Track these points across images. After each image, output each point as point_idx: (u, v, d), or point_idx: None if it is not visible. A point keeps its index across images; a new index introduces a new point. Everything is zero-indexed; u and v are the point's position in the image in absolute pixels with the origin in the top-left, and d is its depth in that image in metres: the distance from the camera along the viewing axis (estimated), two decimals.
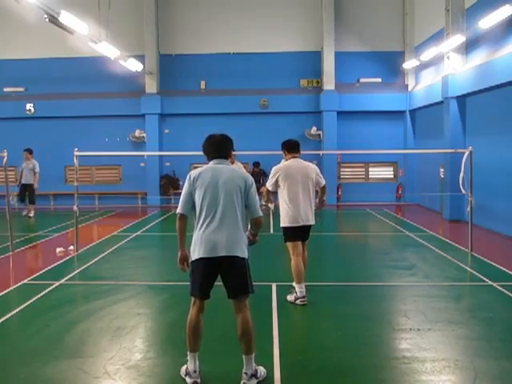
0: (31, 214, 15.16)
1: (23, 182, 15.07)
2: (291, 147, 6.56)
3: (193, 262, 4.16)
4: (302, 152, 6.75)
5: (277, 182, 6.39)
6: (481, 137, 12.65)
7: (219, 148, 4.35)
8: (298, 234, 6.33)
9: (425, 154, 16.27)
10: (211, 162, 4.35)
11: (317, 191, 6.70)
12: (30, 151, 15.06)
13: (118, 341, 5.09)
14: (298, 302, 6.19)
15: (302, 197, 6.25)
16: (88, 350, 4.87)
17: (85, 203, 15.58)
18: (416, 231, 12.03)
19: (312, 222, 6.37)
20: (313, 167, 6.59)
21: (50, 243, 10.74)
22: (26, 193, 15.17)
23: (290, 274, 6.35)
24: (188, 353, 4.22)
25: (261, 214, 4.31)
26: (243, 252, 4.14)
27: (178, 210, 4.23)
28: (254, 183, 4.30)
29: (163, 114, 18.87)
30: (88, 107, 18.58)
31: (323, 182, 6.66)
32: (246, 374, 4.11)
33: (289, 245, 6.38)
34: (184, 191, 4.30)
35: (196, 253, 4.10)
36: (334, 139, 17.99)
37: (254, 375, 4.12)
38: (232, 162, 6.15)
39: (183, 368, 4.28)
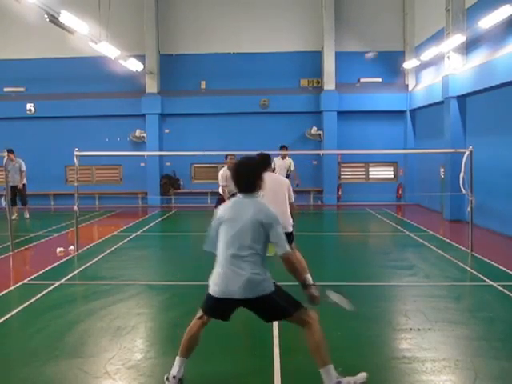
0: (27, 216, 14.95)
1: (12, 184, 13.88)
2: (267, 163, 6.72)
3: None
4: (301, 152, 6.88)
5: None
6: (481, 137, 12.64)
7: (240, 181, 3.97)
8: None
9: (425, 153, 16.27)
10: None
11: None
12: (12, 151, 14.19)
13: (118, 341, 5.09)
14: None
15: (276, 205, 6.11)
16: (88, 350, 4.87)
17: (85, 203, 15.57)
18: (416, 231, 12.02)
19: (289, 229, 6.65)
20: (284, 181, 7.02)
21: (50, 243, 10.74)
22: (16, 195, 14.56)
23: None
24: (177, 356, 3.99)
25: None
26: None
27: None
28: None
29: (163, 114, 18.87)
30: (88, 107, 18.59)
31: (292, 198, 6.89)
32: None
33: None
34: None
35: None
36: (335, 139, 17.99)
37: None
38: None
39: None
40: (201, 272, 7.81)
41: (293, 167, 13.59)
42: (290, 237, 6.52)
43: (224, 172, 10.28)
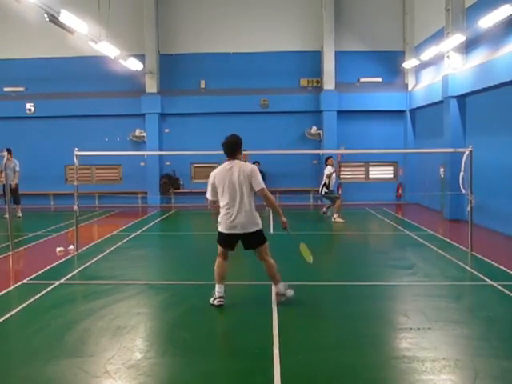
0: (19, 214, 14.94)
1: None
2: (224, 150, 6.15)
3: None
4: (302, 151, 6.80)
5: (213, 189, 6.12)
6: (481, 136, 12.64)
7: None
8: (228, 241, 6.12)
9: (425, 153, 16.27)
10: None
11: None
12: (10, 151, 14.21)
13: (118, 340, 5.09)
14: (215, 302, 6.11)
15: (236, 203, 5.94)
16: (88, 350, 4.87)
17: (85, 203, 15.57)
18: (416, 230, 12.02)
19: (251, 228, 6.00)
20: (247, 168, 6.00)
21: (50, 243, 10.74)
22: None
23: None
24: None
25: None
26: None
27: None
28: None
29: (163, 114, 18.87)
30: (88, 107, 18.59)
31: (260, 185, 6.00)
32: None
33: (218, 247, 6.23)
34: None
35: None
36: (334, 139, 18.00)
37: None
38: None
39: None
40: (200, 271, 7.84)
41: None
42: (253, 240, 6.12)
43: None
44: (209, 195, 6.19)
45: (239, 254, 6.66)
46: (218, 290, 6.12)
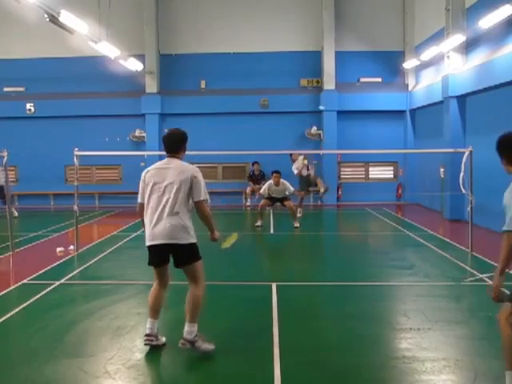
0: (16, 214, 14.77)
1: None
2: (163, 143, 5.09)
3: None
4: (301, 151, 6.64)
5: (142, 189, 5.00)
6: (481, 136, 12.63)
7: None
8: (156, 256, 4.78)
9: (425, 153, 16.26)
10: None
11: None
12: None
13: (118, 340, 5.09)
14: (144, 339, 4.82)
15: (161, 207, 4.74)
16: (88, 350, 4.87)
17: (85, 203, 15.55)
18: (416, 231, 12.02)
19: (182, 240, 4.66)
20: (188, 172, 4.78)
21: (50, 243, 10.74)
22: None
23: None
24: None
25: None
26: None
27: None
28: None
29: (163, 114, 18.86)
30: (88, 107, 18.58)
31: (201, 195, 4.77)
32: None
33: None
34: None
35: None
36: (334, 139, 17.98)
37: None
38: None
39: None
40: None
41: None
42: (182, 254, 4.74)
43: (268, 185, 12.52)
44: (139, 198, 5.02)
45: (239, 253, 6.66)
46: (149, 325, 4.78)
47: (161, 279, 4.88)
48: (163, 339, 4.90)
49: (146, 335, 4.77)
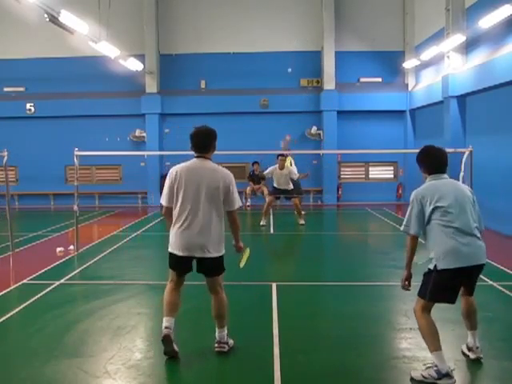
0: None
1: None
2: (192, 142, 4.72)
3: None
4: (301, 151, 6.59)
5: (171, 191, 4.60)
6: (481, 136, 12.64)
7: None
8: (183, 265, 4.66)
9: None
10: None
11: None
12: None
13: (118, 340, 5.09)
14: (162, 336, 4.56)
15: (199, 217, 4.48)
16: (88, 350, 4.87)
17: (85, 203, 15.56)
18: None
19: (214, 253, 4.52)
20: (226, 176, 4.53)
21: (50, 243, 10.74)
22: None
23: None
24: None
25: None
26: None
27: None
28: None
29: (163, 114, 18.87)
30: (88, 107, 18.58)
31: (235, 204, 4.57)
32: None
33: (170, 272, 4.84)
34: None
35: None
36: (334, 139, 17.98)
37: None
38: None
39: None
40: None
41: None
42: (213, 267, 4.61)
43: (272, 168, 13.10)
44: (164, 200, 4.64)
45: (239, 253, 6.66)
46: (167, 324, 4.51)
47: (179, 283, 4.78)
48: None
49: (166, 328, 4.50)
